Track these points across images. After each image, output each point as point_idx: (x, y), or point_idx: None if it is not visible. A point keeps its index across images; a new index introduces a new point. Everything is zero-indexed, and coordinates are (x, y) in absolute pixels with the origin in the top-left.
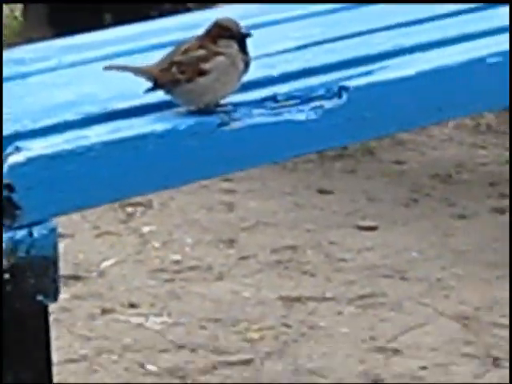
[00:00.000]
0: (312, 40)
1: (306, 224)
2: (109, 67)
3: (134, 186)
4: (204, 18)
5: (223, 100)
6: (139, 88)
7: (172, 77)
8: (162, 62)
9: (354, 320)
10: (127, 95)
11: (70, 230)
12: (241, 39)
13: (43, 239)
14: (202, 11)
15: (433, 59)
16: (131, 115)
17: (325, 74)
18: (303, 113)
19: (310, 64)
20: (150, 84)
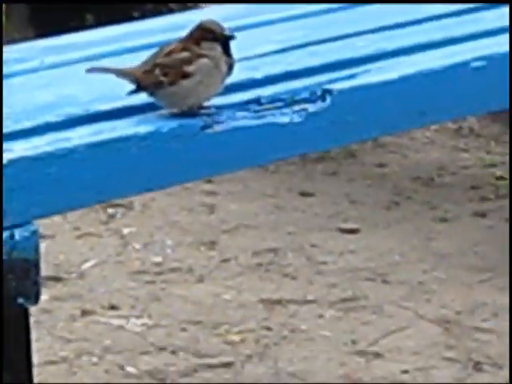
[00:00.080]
0: (295, 43)
1: (288, 226)
2: (91, 70)
3: (117, 189)
4: (187, 20)
5: (207, 102)
6: (122, 90)
7: (155, 79)
8: (145, 64)
9: (335, 323)
10: (110, 97)
11: (51, 231)
12: (224, 41)
13: (25, 241)
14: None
15: (416, 63)
16: (114, 117)
17: (308, 77)
18: (287, 116)
19: (294, 67)
20: (133, 86)
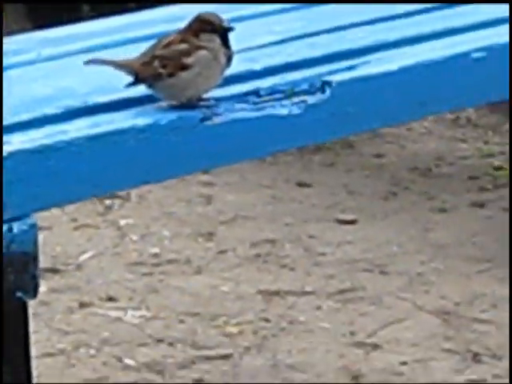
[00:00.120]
0: (294, 34)
1: (285, 217)
2: (89, 62)
3: (115, 182)
4: (186, 12)
5: (205, 94)
6: (120, 82)
7: (154, 71)
8: (144, 56)
9: (334, 314)
10: (108, 89)
11: (48, 223)
12: (223, 33)
13: (23, 235)
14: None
15: (416, 54)
16: (112, 110)
17: (307, 69)
18: (286, 108)
19: (293, 58)
20: (131, 78)
